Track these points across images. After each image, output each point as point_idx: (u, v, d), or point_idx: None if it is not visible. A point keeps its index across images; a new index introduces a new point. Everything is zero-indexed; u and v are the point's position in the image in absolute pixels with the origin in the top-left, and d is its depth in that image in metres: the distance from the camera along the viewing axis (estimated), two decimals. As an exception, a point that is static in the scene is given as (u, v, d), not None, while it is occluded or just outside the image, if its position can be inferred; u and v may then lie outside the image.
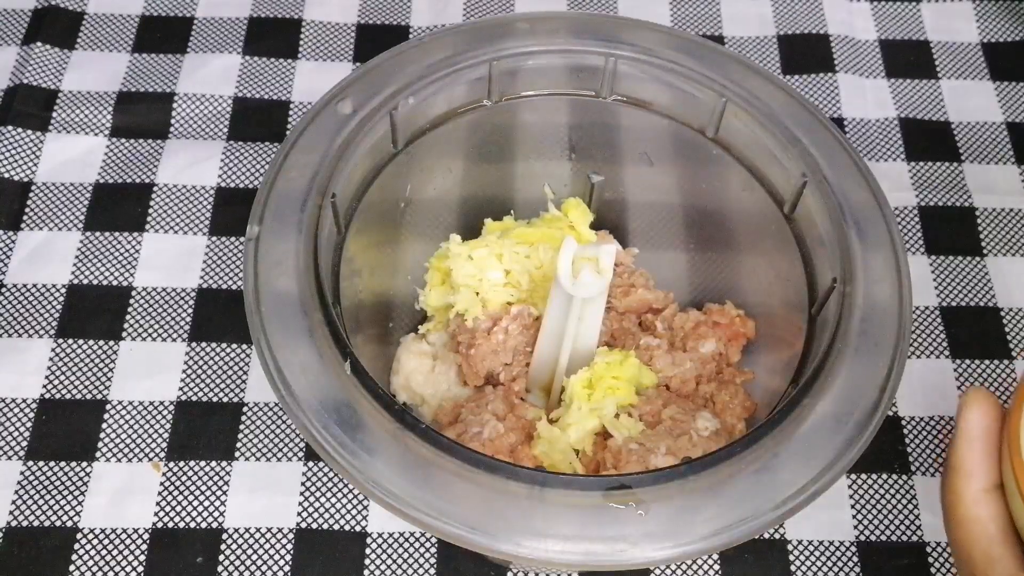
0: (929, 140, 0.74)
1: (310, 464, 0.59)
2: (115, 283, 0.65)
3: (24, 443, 0.59)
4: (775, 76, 0.58)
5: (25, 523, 0.57)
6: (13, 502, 0.57)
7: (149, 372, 0.62)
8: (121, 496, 0.58)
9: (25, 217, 0.68)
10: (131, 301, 0.65)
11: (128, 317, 0.64)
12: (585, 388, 0.56)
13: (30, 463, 0.59)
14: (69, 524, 0.57)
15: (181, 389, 0.61)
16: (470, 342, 0.58)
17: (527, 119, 0.61)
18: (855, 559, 0.57)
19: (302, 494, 0.58)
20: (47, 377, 0.61)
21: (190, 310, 0.64)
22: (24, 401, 0.61)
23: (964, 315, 0.66)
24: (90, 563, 0.56)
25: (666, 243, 0.65)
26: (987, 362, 0.64)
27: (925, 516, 0.59)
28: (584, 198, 0.65)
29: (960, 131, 0.75)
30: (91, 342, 0.63)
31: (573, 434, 0.55)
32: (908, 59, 0.79)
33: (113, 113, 0.73)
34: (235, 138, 0.72)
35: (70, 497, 0.58)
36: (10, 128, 0.71)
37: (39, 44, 0.76)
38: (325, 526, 0.57)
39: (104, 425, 0.60)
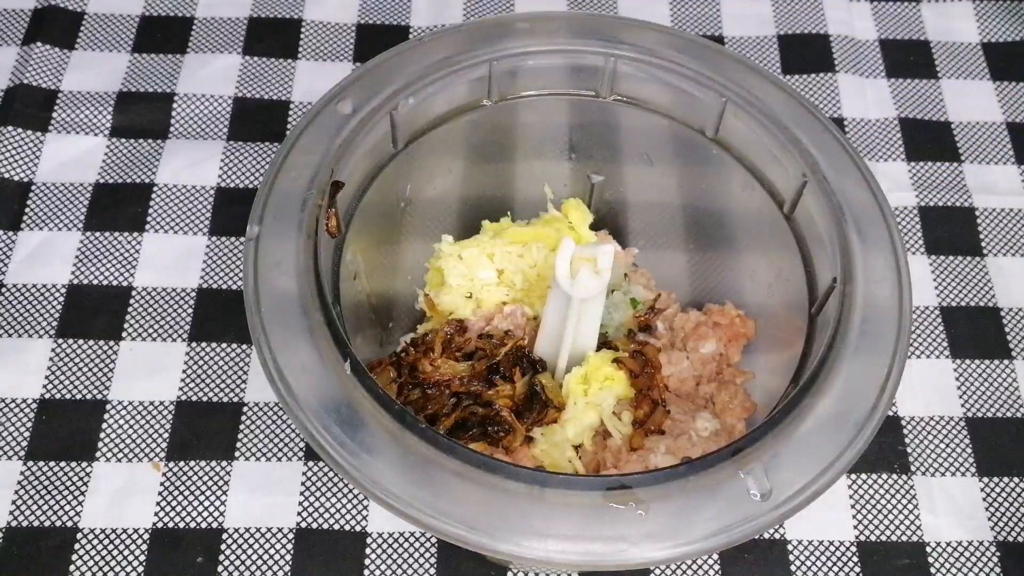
0: (929, 140, 0.74)
1: (310, 464, 0.59)
2: (115, 283, 0.65)
3: (24, 443, 0.59)
4: (775, 76, 0.58)
5: (25, 523, 0.57)
6: (13, 502, 0.57)
7: (149, 372, 0.62)
8: (121, 496, 0.58)
9: (25, 217, 0.68)
10: (131, 301, 0.65)
11: (128, 317, 0.64)
12: (580, 384, 0.56)
13: (30, 463, 0.59)
14: (69, 524, 0.57)
15: (181, 389, 0.61)
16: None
17: (527, 119, 0.61)
18: (855, 559, 0.57)
19: (302, 494, 0.58)
20: (47, 377, 0.61)
21: (190, 310, 0.64)
22: (24, 401, 0.61)
23: (964, 315, 0.66)
24: (90, 563, 0.56)
25: (666, 243, 0.65)
26: (987, 362, 0.64)
27: (925, 516, 0.59)
28: (584, 198, 0.65)
29: (960, 131, 0.75)
30: (91, 342, 0.63)
31: (571, 430, 0.55)
32: (908, 59, 0.79)
33: (113, 113, 0.73)
34: (235, 138, 0.72)
35: (70, 497, 0.58)
36: (10, 128, 0.71)
37: (39, 44, 0.76)
38: (325, 526, 0.57)
39: (104, 425, 0.60)
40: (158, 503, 0.57)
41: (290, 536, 0.57)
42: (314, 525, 0.57)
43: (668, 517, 0.42)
